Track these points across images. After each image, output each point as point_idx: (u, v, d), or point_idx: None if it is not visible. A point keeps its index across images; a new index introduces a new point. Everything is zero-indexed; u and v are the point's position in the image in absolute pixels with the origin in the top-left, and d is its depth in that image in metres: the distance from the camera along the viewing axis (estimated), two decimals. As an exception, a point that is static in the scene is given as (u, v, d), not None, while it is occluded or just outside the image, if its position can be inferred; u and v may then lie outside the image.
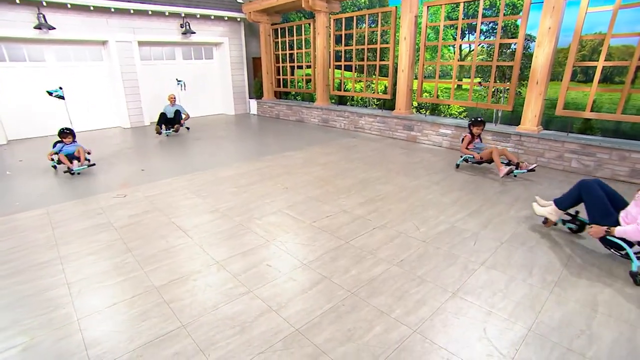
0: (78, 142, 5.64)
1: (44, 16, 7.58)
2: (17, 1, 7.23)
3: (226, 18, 10.53)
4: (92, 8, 8.16)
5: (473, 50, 7.08)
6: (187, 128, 8.81)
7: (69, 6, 7.83)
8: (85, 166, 5.37)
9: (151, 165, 5.90)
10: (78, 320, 2.23)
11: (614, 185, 3.43)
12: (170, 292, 2.50)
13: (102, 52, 9.05)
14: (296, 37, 9.79)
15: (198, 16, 9.88)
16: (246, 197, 4.30)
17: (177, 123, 8.22)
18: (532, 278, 2.62)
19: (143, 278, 2.68)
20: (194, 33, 9.92)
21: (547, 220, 3.38)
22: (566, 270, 2.73)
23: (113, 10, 8.47)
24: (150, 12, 8.99)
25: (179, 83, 9.04)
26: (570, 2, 5.08)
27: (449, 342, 2.01)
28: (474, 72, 6.38)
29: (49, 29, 7.67)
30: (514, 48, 6.15)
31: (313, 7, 8.45)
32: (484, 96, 7.66)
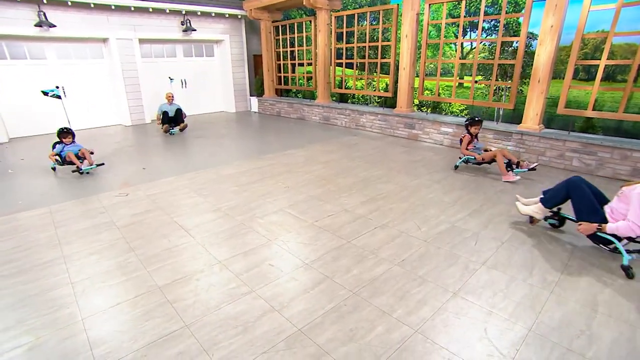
0: (77, 142, 5.61)
1: (45, 14, 7.57)
2: (18, -1, 7.22)
3: (227, 15, 10.50)
4: (93, 5, 8.13)
5: (475, 48, 7.06)
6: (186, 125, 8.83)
7: (70, 3, 7.81)
8: (94, 166, 5.34)
9: (152, 163, 5.91)
10: (82, 320, 2.25)
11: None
12: (173, 292, 2.52)
13: (103, 50, 9.04)
14: (297, 35, 9.76)
15: (199, 13, 9.85)
16: (247, 196, 4.31)
17: (181, 122, 8.23)
18: (533, 278, 2.64)
19: (146, 277, 2.70)
20: (195, 30, 9.89)
21: (533, 219, 3.43)
22: (566, 270, 2.74)
23: (113, 7, 8.45)
24: (151, 10, 8.96)
25: (172, 81, 9.18)
26: (572, 0, 5.05)
27: (450, 342, 2.03)
28: (476, 70, 6.36)
29: (50, 27, 7.66)
30: (516, 46, 6.12)
31: (314, 4, 8.43)
32: (486, 94, 7.65)
